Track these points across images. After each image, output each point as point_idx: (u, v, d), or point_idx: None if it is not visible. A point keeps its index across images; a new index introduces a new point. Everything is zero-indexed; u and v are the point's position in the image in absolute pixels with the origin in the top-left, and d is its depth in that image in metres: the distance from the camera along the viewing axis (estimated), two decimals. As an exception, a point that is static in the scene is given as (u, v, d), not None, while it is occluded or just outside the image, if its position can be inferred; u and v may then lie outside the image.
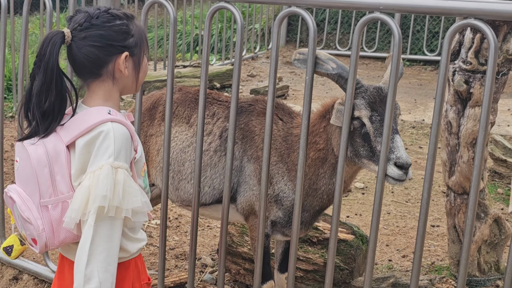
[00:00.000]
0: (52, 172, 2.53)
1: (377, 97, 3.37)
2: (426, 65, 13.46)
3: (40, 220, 2.54)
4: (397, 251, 5.45)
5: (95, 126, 2.50)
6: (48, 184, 2.54)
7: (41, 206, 2.54)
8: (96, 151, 2.48)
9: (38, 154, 2.52)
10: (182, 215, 5.99)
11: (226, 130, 3.95)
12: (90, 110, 2.57)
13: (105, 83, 2.62)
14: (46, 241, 2.56)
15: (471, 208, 2.83)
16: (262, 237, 3.41)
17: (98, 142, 2.48)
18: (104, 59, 2.58)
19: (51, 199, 2.55)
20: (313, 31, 3.03)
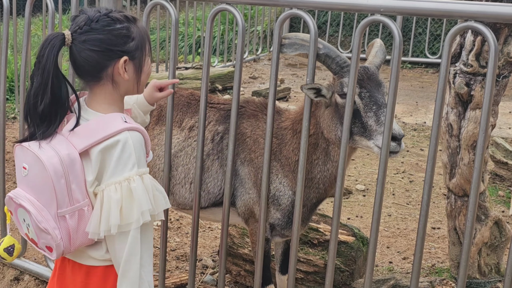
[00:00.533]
0: (68, 182, 2.52)
1: (365, 75, 3.40)
2: (428, 67, 13.46)
3: (58, 230, 2.54)
4: (398, 253, 5.46)
5: (112, 136, 2.50)
6: (65, 194, 2.52)
7: (58, 216, 2.53)
8: (117, 161, 2.49)
9: (53, 164, 2.49)
10: (183, 217, 6.00)
11: (218, 134, 3.94)
12: (105, 118, 2.56)
13: (105, 86, 2.61)
14: (64, 249, 2.57)
15: (471, 210, 2.84)
16: (262, 241, 3.42)
17: (117, 151, 2.49)
18: (103, 63, 2.57)
19: (68, 209, 2.54)
20: (313, 33, 3.04)
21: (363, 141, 3.39)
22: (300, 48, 3.36)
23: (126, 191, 2.48)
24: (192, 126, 4.04)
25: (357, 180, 7.22)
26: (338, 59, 3.40)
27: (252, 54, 13.83)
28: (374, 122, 3.29)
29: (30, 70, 9.61)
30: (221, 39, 12.80)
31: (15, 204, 2.60)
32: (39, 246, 2.62)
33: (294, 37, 3.38)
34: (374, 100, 3.33)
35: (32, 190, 2.56)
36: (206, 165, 3.91)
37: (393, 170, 7.57)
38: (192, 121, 4.06)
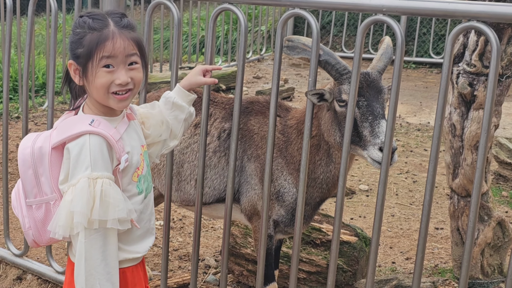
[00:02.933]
0: (37, 173, 2.57)
1: (364, 82, 3.39)
2: (432, 67, 13.45)
3: (27, 218, 2.62)
4: (401, 254, 5.45)
5: (76, 138, 2.53)
6: (32, 184, 2.59)
7: (26, 206, 2.62)
8: (75, 164, 2.50)
9: (24, 155, 2.58)
10: (186, 216, 6.00)
11: (224, 131, 3.96)
12: (75, 118, 2.63)
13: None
14: (33, 238, 2.65)
15: (473, 211, 2.83)
16: (264, 239, 3.42)
17: (74, 153, 2.51)
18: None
19: (36, 200, 2.60)
20: (316, 33, 3.04)
21: (358, 150, 3.41)
22: (302, 52, 3.40)
23: (74, 193, 2.48)
24: (197, 124, 4.06)
25: (360, 180, 7.22)
26: (338, 66, 3.42)
27: (256, 54, 13.84)
28: (369, 133, 3.29)
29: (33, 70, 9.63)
30: (225, 39, 12.80)
31: None
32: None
33: (296, 41, 3.41)
34: (371, 110, 3.32)
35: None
36: (213, 162, 3.93)
37: (396, 170, 7.56)
38: (198, 118, 4.07)
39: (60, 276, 4.43)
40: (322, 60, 3.36)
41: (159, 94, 4.29)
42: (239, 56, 3.30)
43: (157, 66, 11.81)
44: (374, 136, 3.28)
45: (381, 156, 3.21)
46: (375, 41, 13.94)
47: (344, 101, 3.40)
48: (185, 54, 12.40)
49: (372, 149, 3.29)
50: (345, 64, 3.45)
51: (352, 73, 3.41)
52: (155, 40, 13.60)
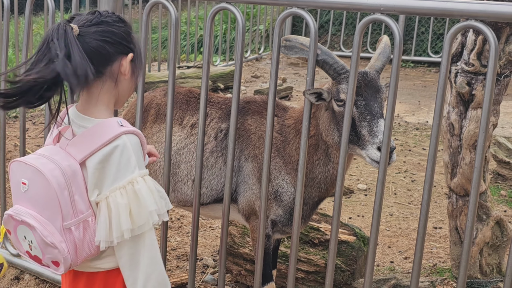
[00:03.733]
0: (71, 193, 2.49)
1: (362, 81, 3.39)
2: (431, 66, 13.43)
3: (64, 243, 2.50)
4: (399, 253, 5.44)
5: (110, 142, 2.47)
6: (69, 206, 2.49)
7: (64, 229, 2.50)
8: (118, 166, 2.46)
9: (56, 177, 2.46)
10: (184, 216, 5.99)
11: (221, 131, 3.96)
12: (101, 124, 2.53)
13: (105, 84, 2.55)
14: (71, 262, 2.53)
15: (472, 210, 2.83)
16: (262, 238, 3.41)
17: (116, 156, 2.47)
18: (112, 56, 2.51)
19: (73, 221, 2.51)
20: (314, 32, 3.03)
21: (356, 150, 3.41)
22: (300, 52, 3.41)
23: (132, 194, 2.47)
24: (194, 124, 4.06)
25: (358, 179, 7.21)
26: (335, 65, 3.42)
27: (254, 53, 13.82)
28: (367, 133, 3.29)
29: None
30: (223, 38, 12.79)
31: (15, 221, 2.54)
32: (44, 262, 2.57)
33: (294, 40, 3.42)
34: (369, 109, 3.32)
35: (34, 205, 2.51)
36: (210, 162, 3.92)
37: (395, 169, 7.56)
38: (194, 119, 4.07)
39: (58, 276, 4.42)
40: (320, 59, 3.37)
41: (155, 94, 4.29)
42: (236, 55, 3.30)
43: (155, 66, 11.81)
44: (373, 136, 3.28)
45: (380, 156, 3.21)
46: (373, 40, 13.92)
47: (342, 101, 3.40)
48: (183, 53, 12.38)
49: (370, 149, 3.29)
50: (343, 63, 3.45)
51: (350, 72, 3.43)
52: (153, 39, 13.58)
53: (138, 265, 2.54)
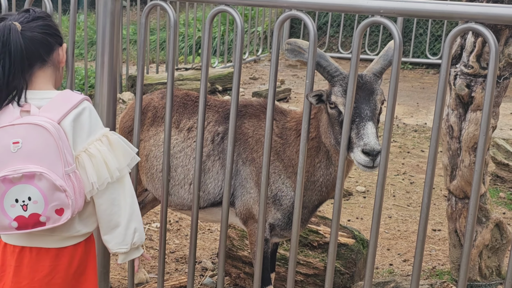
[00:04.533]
0: (63, 145, 2.72)
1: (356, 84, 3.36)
2: (429, 68, 13.44)
3: (69, 188, 2.72)
4: (398, 255, 5.43)
5: (77, 105, 2.80)
6: (64, 155, 2.71)
7: (65, 175, 2.71)
8: (89, 124, 2.82)
9: (51, 128, 2.69)
10: (183, 218, 5.98)
11: (218, 135, 3.94)
12: (64, 93, 2.87)
13: (49, 69, 2.89)
14: (73, 208, 2.74)
15: (472, 213, 2.82)
16: (261, 242, 3.40)
17: (86, 116, 2.81)
18: (53, 44, 2.87)
19: (69, 168, 2.73)
20: (313, 35, 3.01)
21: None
22: (298, 55, 3.42)
23: (108, 144, 2.83)
24: (191, 127, 4.04)
25: (357, 181, 7.20)
26: (329, 68, 3.41)
27: (253, 55, 13.82)
28: (355, 135, 3.24)
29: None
30: (221, 39, 12.78)
31: (7, 184, 2.69)
32: (43, 216, 2.72)
33: (293, 44, 3.45)
34: (359, 112, 3.28)
35: (31, 159, 2.70)
36: (207, 166, 3.90)
37: (393, 171, 7.55)
38: (191, 122, 4.05)
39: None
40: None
41: (152, 97, 4.28)
42: (235, 57, 3.28)
43: (154, 67, 11.79)
44: (359, 138, 3.23)
45: (364, 159, 3.22)
46: (372, 42, 13.93)
47: (333, 103, 3.39)
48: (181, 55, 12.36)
49: (356, 151, 3.24)
50: (336, 66, 3.44)
51: (343, 74, 3.42)
52: (152, 41, 13.57)
53: (120, 208, 2.86)
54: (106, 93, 3.64)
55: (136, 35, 13.60)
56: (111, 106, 3.67)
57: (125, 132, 4.27)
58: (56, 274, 2.90)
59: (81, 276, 2.98)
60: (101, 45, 3.57)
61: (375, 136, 3.22)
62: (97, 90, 3.65)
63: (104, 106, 3.67)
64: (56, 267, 2.89)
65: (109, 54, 3.61)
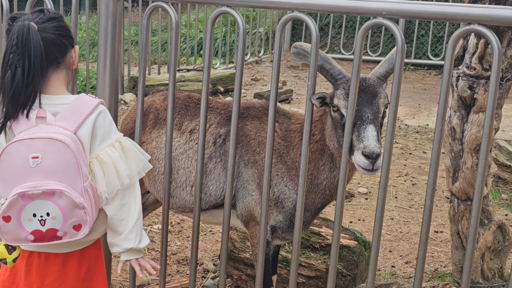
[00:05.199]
0: (79, 160, 2.69)
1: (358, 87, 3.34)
2: (431, 69, 13.43)
3: (87, 203, 2.71)
4: (400, 257, 5.42)
5: (93, 110, 2.78)
6: (83, 169, 2.71)
7: (83, 190, 2.71)
8: (103, 128, 2.80)
9: (71, 141, 2.67)
10: (185, 220, 5.97)
11: (220, 136, 3.93)
12: (79, 98, 2.82)
13: (62, 72, 2.86)
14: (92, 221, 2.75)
15: (474, 215, 2.81)
16: (263, 244, 3.39)
17: (100, 121, 2.79)
18: (67, 46, 2.84)
19: (87, 183, 2.72)
20: (315, 36, 3.01)
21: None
22: (304, 58, 3.43)
23: (121, 150, 2.82)
24: (193, 129, 4.03)
25: (359, 183, 7.19)
26: (332, 71, 3.41)
27: (254, 56, 13.81)
28: (355, 138, 3.23)
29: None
30: (223, 41, 12.78)
31: (26, 199, 2.65)
32: (61, 231, 2.71)
33: (299, 47, 3.47)
34: (360, 115, 3.27)
35: (50, 174, 2.66)
36: (209, 167, 3.89)
37: (395, 173, 7.54)
38: (193, 124, 4.04)
39: None
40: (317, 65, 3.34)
41: (154, 99, 4.27)
42: (237, 59, 3.27)
43: (155, 69, 11.79)
44: (359, 141, 3.22)
45: (364, 162, 3.21)
46: (373, 43, 13.92)
47: (336, 106, 3.38)
48: (183, 56, 12.36)
49: (356, 154, 3.23)
50: (340, 69, 3.43)
51: (347, 77, 3.41)
52: (153, 42, 13.56)
53: (129, 214, 2.85)
54: (108, 95, 3.64)
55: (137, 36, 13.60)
56: (112, 107, 3.67)
57: (127, 134, 4.26)
58: (65, 279, 2.90)
59: (91, 281, 2.99)
60: (103, 46, 3.57)
61: (376, 139, 3.21)
62: (98, 92, 3.64)
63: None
64: (65, 272, 2.90)
65: (111, 55, 3.61)
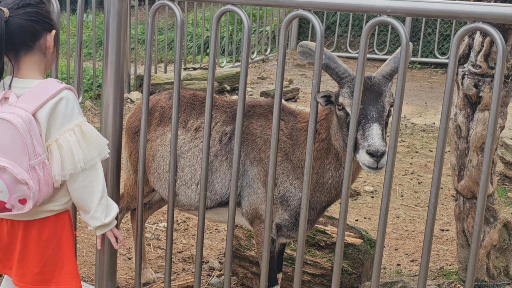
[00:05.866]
0: (31, 137, 2.90)
1: (364, 86, 3.34)
2: (437, 68, 13.41)
3: (31, 180, 2.92)
4: (406, 256, 5.42)
5: (56, 95, 2.96)
6: (32, 147, 2.90)
7: (29, 168, 2.91)
8: (64, 113, 2.97)
9: (19, 122, 2.86)
10: (190, 218, 5.98)
11: (225, 135, 3.94)
12: (44, 82, 3.02)
13: (35, 56, 3.04)
14: (37, 198, 2.95)
15: (479, 213, 2.81)
16: (268, 242, 3.39)
17: (62, 106, 2.96)
18: (40, 32, 3.01)
19: (36, 161, 2.93)
20: (319, 35, 3.00)
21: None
22: (309, 57, 3.44)
23: (80, 134, 2.98)
24: (198, 127, 4.04)
25: (365, 181, 7.19)
26: (337, 70, 3.41)
27: (261, 54, 13.82)
28: (360, 136, 3.22)
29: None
30: (230, 39, 12.78)
31: None
32: (9, 204, 2.94)
33: (305, 46, 3.48)
34: (365, 113, 3.26)
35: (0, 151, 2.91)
36: (214, 166, 3.90)
37: (401, 171, 7.53)
38: (198, 122, 4.05)
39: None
40: (323, 64, 3.34)
41: (160, 97, 4.28)
42: (242, 57, 3.28)
43: (162, 67, 11.80)
44: (364, 139, 3.21)
45: (368, 160, 3.20)
46: (380, 41, 13.91)
47: (341, 104, 3.38)
48: (189, 54, 12.38)
49: (361, 152, 3.21)
50: (345, 67, 3.43)
51: (352, 76, 3.41)
52: (160, 40, 13.58)
53: (92, 194, 3.06)
54: (113, 93, 3.65)
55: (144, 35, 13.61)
56: (117, 105, 3.68)
57: (132, 132, 4.28)
58: (27, 244, 3.15)
59: (57, 251, 3.21)
60: (108, 45, 3.58)
61: (380, 138, 3.21)
62: (104, 90, 3.65)
63: (111, 106, 3.68)
64: (27, 237, 3.15)
65: (116, 54, 3.61)
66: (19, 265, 3.21)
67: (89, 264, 5.00)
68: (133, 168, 4.34)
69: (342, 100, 3.37)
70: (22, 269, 3.21)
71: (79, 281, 3.30)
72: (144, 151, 3.65)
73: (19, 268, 3.21)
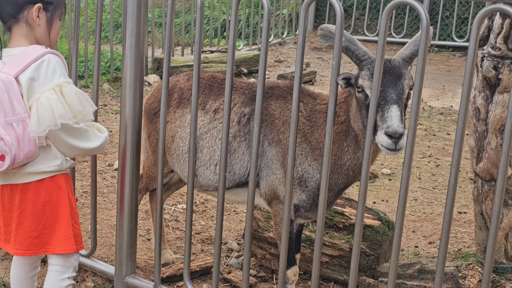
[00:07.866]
0: (10, 97, 3.08)
1: (384, 68, 3.34)
2: (455, 51, 13.36)
3: (8, 136, 3.08)
4: (424, 238, 5.43)
5: (38, 58, 3.13)
6: (9, 106, 3.08)
7: (6, 125, 3.08)
8: (45, 74, 3.13)
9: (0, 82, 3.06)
10: (209, 200, 6.02)
11: (244, 116, 3.95)
12: (28, 48, 3.19)
13: (22, 27, 3.24)
14: (15, 153, 3.09)
15: (498, 195, 2.81)
16: (287, 223, 3.41)
17: (43, 67, 3.13)
18: (21, 3, 3.20)
19: (14, 118, 3.10)
20: (340, 16, 3.01)
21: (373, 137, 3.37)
22: (330, 40, 3.46)
23: (60, 94, 3.12)
24: (217, 109, 4.06)
25: (383, 164, 7.19)
26: (357, 52, 3.43)
27: (278, 37, 13.80)
28: (379, 118, 3.22)
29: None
30: (247, 22, 12.77)
31: None
32: None
33: (325, 29, 3.50)
34: (384, 95, 3.26)
35: None
36: (233, 147, 3.92)
37: (419, 154, 7.53)
38: (217, 104, 4.07)
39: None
40: (343, 46, 3.35)
41: (178, 79, 4.30)
42: (263, 39, 3.29)
43: (179, 50, 11.82)
44: (383, 121, 3.21)
45: (387, 141, 3.20)
46: (397, 25, 13.85)
47: (360, 87, 3.39)
48: (206, 37, 12.39)
49: (379, 134, 3.22)
50: (365, 50, 3.44)
51: (372, 59, 3.42)
52: (177, 24, 13.59)
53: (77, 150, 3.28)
54: (133, 75, 3.68)
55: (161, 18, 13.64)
56: (137, 88, 3.70)
57: (151, 114, 4.30)
58: (26, 207, 3.31)
59: (55, 214, 3.35)
60: (128, 27, 3.60)
61: (399, 119, 3.21)
62: (124, 72, 3.68)
63: (131, 88, 3.70)
64: (24, 200, 3.30)
65: (136, 36, 3.64)
66: (17, 231, 3.35)
67: (109, 244, 5.04)
68: (152, 149, 4.37)
69: (361, 82, 3.38)
70: (20, 235, 3.35)
71: (73, 243, 3.41)
72: (164, 132, 3.67)
73: (17, 235, 3.36)
